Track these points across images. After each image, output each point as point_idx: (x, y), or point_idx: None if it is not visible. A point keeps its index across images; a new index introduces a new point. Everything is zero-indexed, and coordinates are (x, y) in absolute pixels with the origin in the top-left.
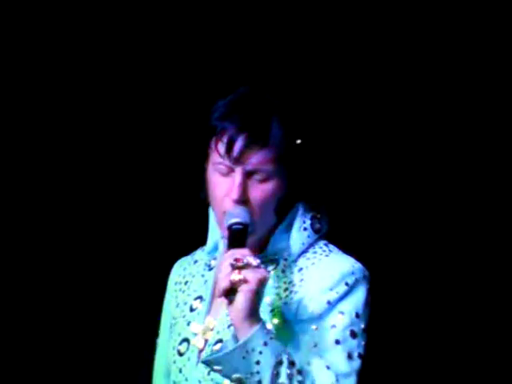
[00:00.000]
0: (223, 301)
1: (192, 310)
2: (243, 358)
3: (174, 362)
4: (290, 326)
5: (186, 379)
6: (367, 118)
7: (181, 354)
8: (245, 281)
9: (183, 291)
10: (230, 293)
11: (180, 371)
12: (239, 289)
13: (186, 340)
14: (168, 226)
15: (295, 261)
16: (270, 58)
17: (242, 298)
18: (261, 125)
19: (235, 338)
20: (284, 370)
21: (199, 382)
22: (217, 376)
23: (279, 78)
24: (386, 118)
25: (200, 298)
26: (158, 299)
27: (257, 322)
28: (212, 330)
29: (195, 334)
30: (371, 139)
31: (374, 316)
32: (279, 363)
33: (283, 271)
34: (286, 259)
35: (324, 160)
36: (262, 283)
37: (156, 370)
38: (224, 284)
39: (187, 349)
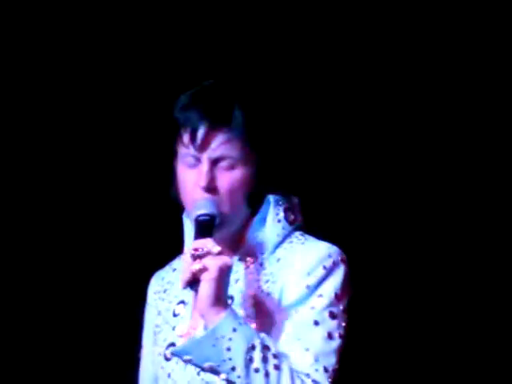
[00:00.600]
0: None
1: (175, 315)
2: (213, 345)
3: (162, 368)
4: (272, 317)
5: (176, 383)
6: (337, 100)
7: (168, 359)
8: (205, 269)
9: (163, 299)
10: (193, 283)
11: (169, 376)
12: (201, 278)
13: (173, 344)
14: (142, 237)
15: (273, 252)
16: (234, 51)
17: (205, 287)
18: (222, 110)
19: (205, 327)
20: (258, 354)
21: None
22: (207, 376)
23: (243, 71)
24: (358, 98)
25: (182, 302)
26: (136, 313)
27: (223, 309)
28: (197, 329)
29: (181, 336)
30: (341, 122)
31: (355, 301)
32: (251, 348)
33: (261, 264)
34: (262, 252)
35: (292, 146)
36: (223, 270)
37: (143, 377)
38: (186, 275)
39: None
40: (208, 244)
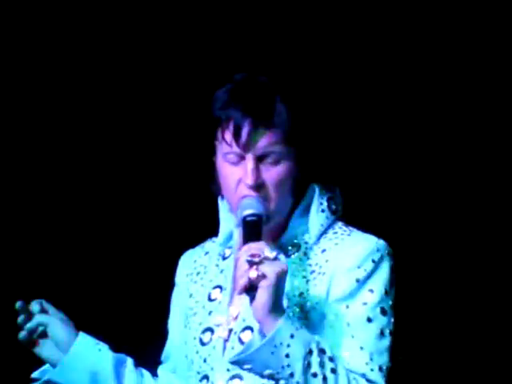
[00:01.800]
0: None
1: (211, 299)
2: (272, 353)
3: (197, 352)
4: (320, 309)
5: (213, 369)
6: (376, 95)
7: (204, 344)
8: (263, 276)
9: (195, 282)
10: (250, 289)
11: (205, 361)
12: (259, 285)
13: (209, 329)
14: (174, 222)
15: (317, 242)
16: (265, 45)
17: (262, 294)
18: (265, 107)
19: (262, 333)
20: (315, 359)
21: (228, 370)
22: None
23: (275, 63)
24: (398, 95)
25: (219, 287)
26: (164, 291)
27: (281, 316)
28: (236, 318)
29: (219, 325)
30: (380, 117)
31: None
32: (309, 353)
33: (305, 254)
34: (306, 242)
35: (334, 138)
36: (280, 276)
37: (173, 356)
38: (243, 282)
39: (211, 339)
40: (264, 249)
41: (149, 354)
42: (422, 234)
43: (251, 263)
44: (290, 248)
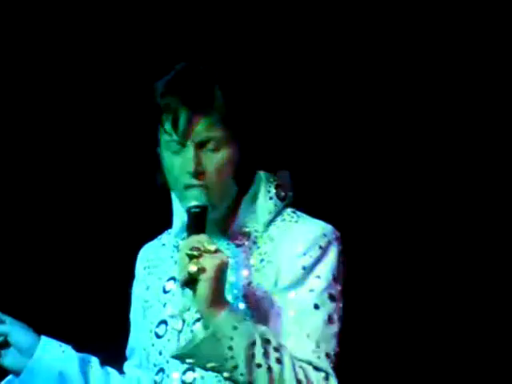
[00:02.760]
0: None
1: (165, 291)
2: (214, 346)
3: (153, 345)
4: (269, 297)
5: (168, 361)
6: (320, 73)
7: (159, 337)
8: (203, 270)
9: (152, 274)
10: (190, 283)
11: (160, 353)
12: (199, 278)
13: (164, 322)
14: (129, 216)
15: (265, 230)
16: (204, 33)
17: (202, 288)
18: (201, 93)
19: (205, 327)
20: (259, 350)
21: (182, 363)
22: None
23: (217, 51)
24: (342, 68)
25: (173, 279)
26: (125, 286)
27: (223, 308)
28: (189, 310)
29: (172, 317)
30: (326, 95)
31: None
32: (252, 344)
33: (255, 242)
34: (256, 230)
35: (274, 122)
36: (221, 269)
37: (134, 349)
38: (182, 276)
39: (166, 331)
40: (204, 242)
41: (113, 352)
42: (375, 219)
43: (191, 257)
44: (239, 237)
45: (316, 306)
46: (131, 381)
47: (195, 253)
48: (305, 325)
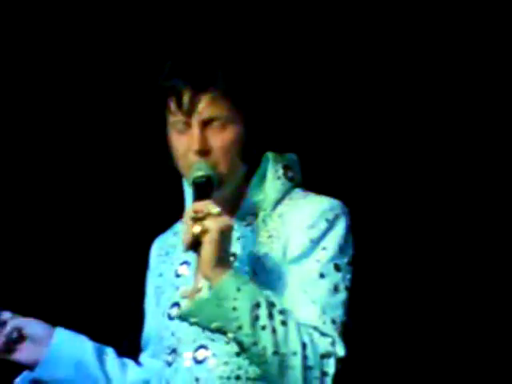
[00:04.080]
0: None
1: (178, 275)
2: (218, 306)
3: (166, 328)
4: (277, 271)
5: (180, 341)
6: (328, 51)
7: (171, 318)
8: (206, 231)
9: (165, 262)
10: (195, 246)
11: (173, 334)
12: (202, 240)
13: (177, 304)
14: (142, 211)
15: (273, 209)
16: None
17: (206, 249)
18: (206, 71)
19: (210, 288)
20: (263, 312)
21: (194, 341)
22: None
23: (222, 30)
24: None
25: (185, 263)
26: (138, 281)
27: (226, 270)
28: (201, 290)
29: (184, 297)
30: (334, 74)
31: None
32: (257, 306)
33: (264, 221)
34: (264, 209)
35: (280, 101)
36: (224, 231)
37: (149, 338)
38: (187, 238)
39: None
40: (208, 205)
41: (128, 345)
42: (383, 202)
43: (195, 219)
44: (248, 217)
45: (321, 275)
46: (149, 371)
47: (199, 215)
48: (310, 292)
